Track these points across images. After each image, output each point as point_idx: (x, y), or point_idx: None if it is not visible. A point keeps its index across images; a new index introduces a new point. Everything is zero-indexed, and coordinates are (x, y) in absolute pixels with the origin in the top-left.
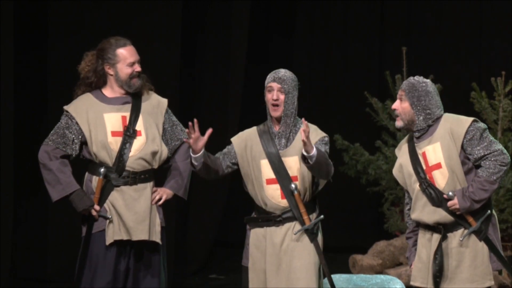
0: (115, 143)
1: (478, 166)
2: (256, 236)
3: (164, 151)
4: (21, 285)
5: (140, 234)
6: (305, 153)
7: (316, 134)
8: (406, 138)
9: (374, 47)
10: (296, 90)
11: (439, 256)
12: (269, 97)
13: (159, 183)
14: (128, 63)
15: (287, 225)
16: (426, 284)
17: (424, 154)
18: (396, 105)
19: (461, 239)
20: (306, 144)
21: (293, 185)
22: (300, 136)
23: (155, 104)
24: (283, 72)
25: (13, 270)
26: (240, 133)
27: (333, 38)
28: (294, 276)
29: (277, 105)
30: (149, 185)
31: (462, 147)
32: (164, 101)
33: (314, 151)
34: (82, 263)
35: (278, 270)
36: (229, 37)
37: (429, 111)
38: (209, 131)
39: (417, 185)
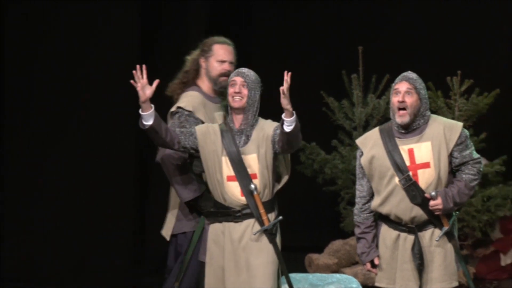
0: None
1: (455, 171)
2: (215, 231)
3: None
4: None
5: None
6: (286, 118)
7: (272, 124)
8: (375, 130)
9: (330, 46)
10: (259, 90)
11: (418, 252)
12: (231, 90)
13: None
14: (219, 59)
15: (246, 222)
16: (393, 285)
17: (411, 151)
18: (404, 98)
19: (437, 239)
20: (285, 96)
21: (252, 186)
22: (259, 133)
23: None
24: (247, 70)
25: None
26: (204, 124)
27: (290, 37)
28: (251, 274)
29: (239, 98)
30: None
31: (451, 150)
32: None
33: (294, 114)
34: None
35: (236, 267)
36: (186, 37)
37: (428, 108)
38: (157, 82)
39: (395, 180)
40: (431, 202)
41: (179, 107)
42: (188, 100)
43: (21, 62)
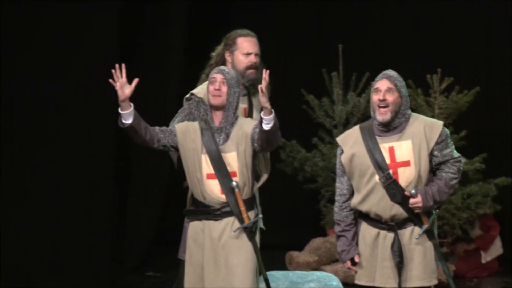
0: None
1: (435, 170)
2: (194, 229)
3: None
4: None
5: None
6: (264, 116)
7: (252, 122)
8: (355, 128)
9: (311, 44)
10: (239, 88)
11: (398, 249)
12: (211, 88)
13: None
14: (244, 52)
15: (225, 220)
16: (372, 283)
17: (391, 149)
18: (385, 96)
19: (416, 237)
20: (263, 94)
21: (234, 183)
22: (238, 131)
23: (258, 100)
24: (227, 68)
25: None
26: (184, 122)
27: (270, 35)
28: (230, 272)
29: (218, 95)
30: None
31: (431, 149)
32: None
33: (273, 112)
34: None
35: (215, 265)
36: (167, 37)
37: (408, 107)
38: (136, 80)
39: (375, 178)
40: (411, 200)
41: (191, 93)
42: (202, 87)
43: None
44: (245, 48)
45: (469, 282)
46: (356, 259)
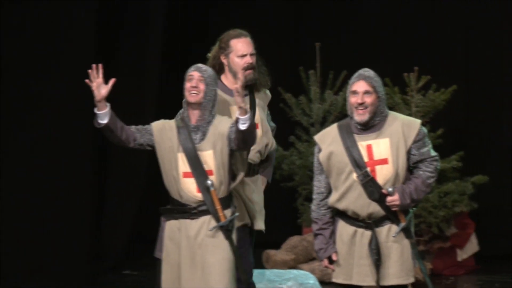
0: None
1: (413, 168)
2: (171, 228)
3: (274, 144)
4: None
5: None
6: (240, 116)
7: (228, 121)
8: (333, 126)
9: (288, 42)
10: (216, 87)
11: (375, 247)
12: (188, 85)
13: None
14: (239, 55)
15: (202, 218)
16: (349, 281)
17: (369, 147)
18: (363, 99)
19: (394, 235)
20: (238, 94)
21: (209, 182)
22: (215, 130)
23: (263, 98)
24: (204, 66)
25: None
26: (160, 121)
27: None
28: (207, 271)
29: (195, 93)
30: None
31: (409, 147)
32: (269, 95)
33: (249, 112)
34: None
35: (192, 263)
36: (145, 38)
37: (386, 106)
38: (112, 80)
39: (353, 176)
40: (388, 198)
41: None
42: None
43: None
44: (239, 50)
45: (446, 280)
46: (334, 257)
